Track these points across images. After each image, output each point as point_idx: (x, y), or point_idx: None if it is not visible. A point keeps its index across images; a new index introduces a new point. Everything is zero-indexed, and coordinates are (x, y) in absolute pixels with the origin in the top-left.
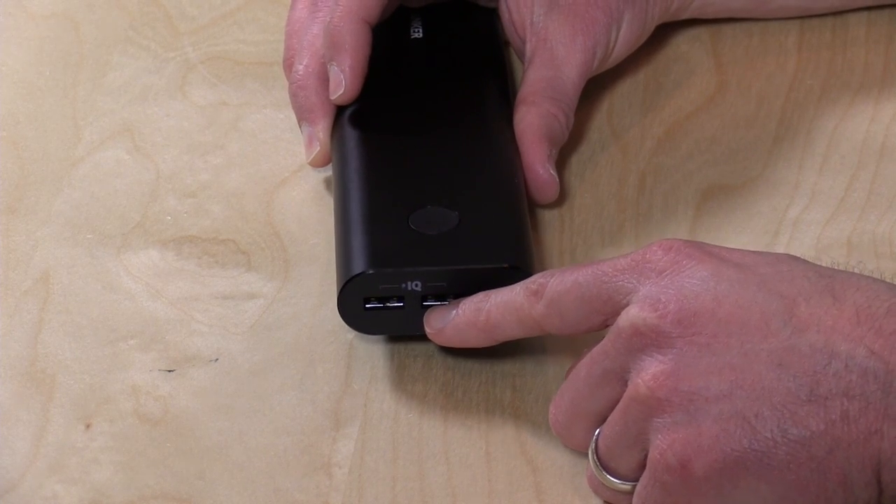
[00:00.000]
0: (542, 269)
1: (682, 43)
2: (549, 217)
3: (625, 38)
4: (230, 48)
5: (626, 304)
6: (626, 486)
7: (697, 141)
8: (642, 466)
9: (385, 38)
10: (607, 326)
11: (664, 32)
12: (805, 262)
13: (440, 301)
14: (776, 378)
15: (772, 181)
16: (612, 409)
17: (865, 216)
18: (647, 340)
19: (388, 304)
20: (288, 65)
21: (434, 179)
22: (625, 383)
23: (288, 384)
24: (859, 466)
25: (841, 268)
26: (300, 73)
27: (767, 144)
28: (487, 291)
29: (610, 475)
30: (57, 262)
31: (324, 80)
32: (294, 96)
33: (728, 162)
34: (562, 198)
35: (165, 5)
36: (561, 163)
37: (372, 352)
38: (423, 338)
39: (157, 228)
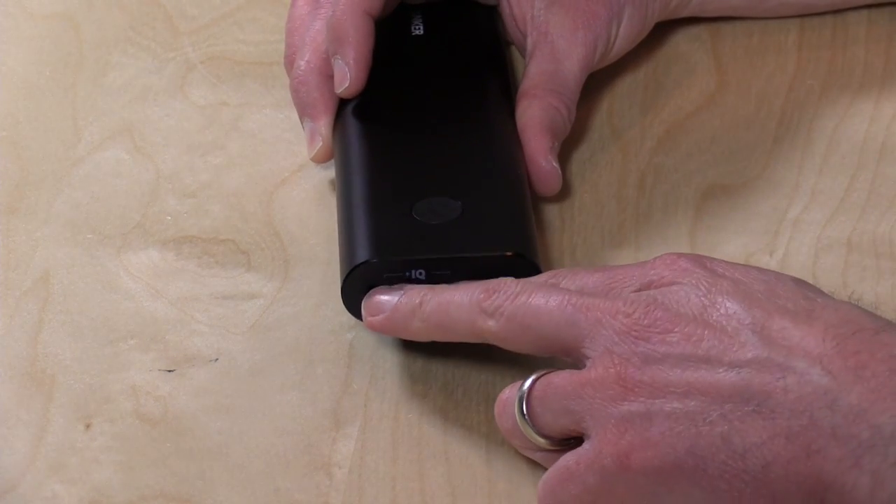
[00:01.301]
0: (546, 260)
1: (682, 42)
2: (549, 217)
3: (625, 33)
4: (230, 48)
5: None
6: (542, 442)
7: (697, 141)
8: (563, 434)
9: (386, 35)
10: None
11: (664, 32)
12: (807, 285)
13: None
14: (731, 386)
15: (772, 181)
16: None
17: (865, 216)
18: (613, 335)
19: None
20: (289, 61)
21: (437, 170)
22: (585, 358)
23: (288, 384)
24: (796, 484)
25: (840, 269)
26: (302, 69)
27: (767, 144)
28: (429, 288)
29: (534, 430)
30: (57, 262)
31: (325, 76)
32: (295, 92)
33: (728, 162)
34: (562, 198)
35: (165, 5)
36: (561, 162)
37: (372, 352)
38: None
39: (157, 228)
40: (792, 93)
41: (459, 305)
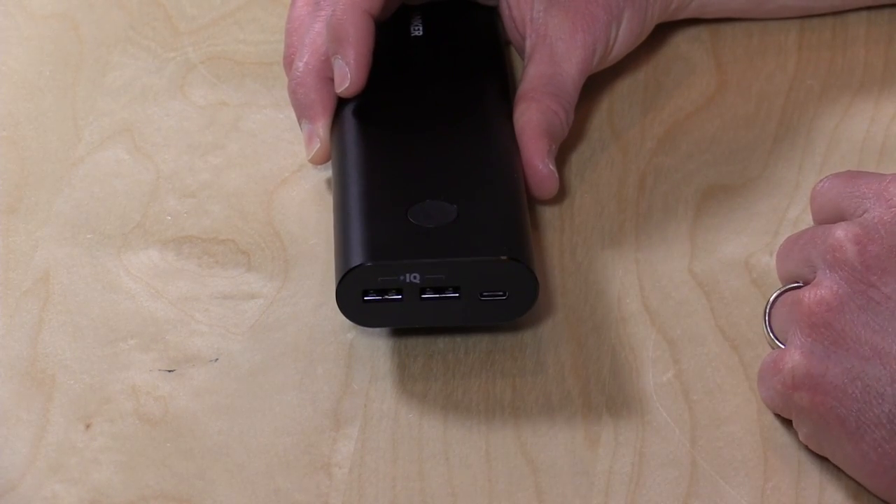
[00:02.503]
0: (541, 265)
1: (682, 43)
2: (549, 216)
3: (624, 36)
4: (230, 48)
5: (851, 216)
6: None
7: (697, 141)
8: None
9: (385, 36)
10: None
11: (664, 32)
12: None
13: (439, 294)
14: None
15: (772, 181)
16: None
17: None
18: (836, 263)
19: (387, 297)
20: (288, 62)
21: (433, 173)
22: (813, 270)
23: (288, 384)
24: None
25: None
26: (300, 70)
27: (767, 144)
28: None
29: (770, 332)
30: (57, 262)
31: (323, 77)
32: (293, 93)
33: (728, 162)
34: (562, 198)
35: (165, 5)
36: (561, 162)
37: (372, 352)
38: (422, 337)
39: (157, 228)
40: (792, 93)
41: None
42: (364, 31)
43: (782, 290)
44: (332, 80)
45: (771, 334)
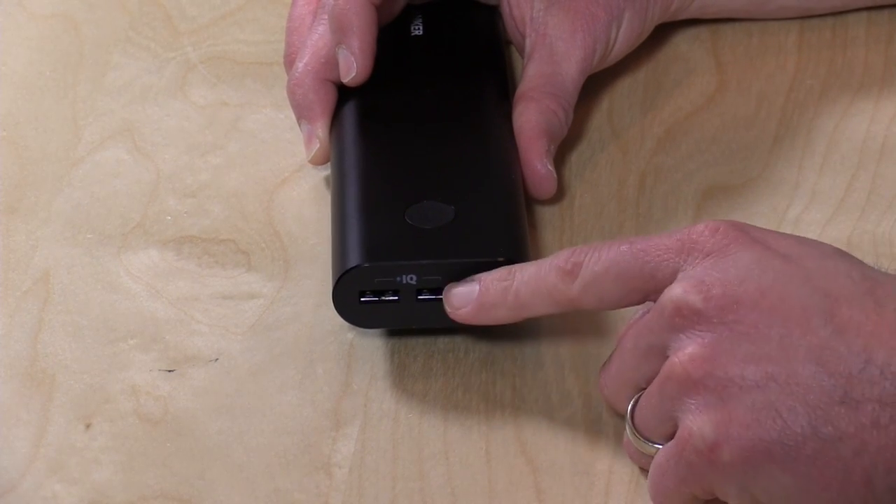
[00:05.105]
0: None
1: (682, 43)
2: (549, 216)
3: (625, 36)
4: (230, 48)
5: (669, 282)
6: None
7: (697, 141)
8: (671, 437)
9: (385, 35)
10: (646, 301)
11: (664, 32)
12: (850, 258)
13: (435, 295)
14: (812, 376)
15: (772, 181)
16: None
17: (865, 216)
18: (688, 322)
19: (384, 298)
20: (289, 62)
21: (431, 174)
22: (665, 358)
23: (288, 384)
24: (885, 471)
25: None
26: (299, 70)
27: (767, 144)
28: (510, 267)
29: (644, 440)
30: (57, 262)
31: (322, 78)
32: (292, 94)
33: (728, 162)
34: (562, 197)
35: (165, 5)
36: (561, 162)
37: (372, 352)
38: (422, 336)
39: (157, 228)
40: (792, 93)
41: (545, 276)
42: (367, 20)
43: (637, 396)
44: (331, 81)
45: (642, 440)
